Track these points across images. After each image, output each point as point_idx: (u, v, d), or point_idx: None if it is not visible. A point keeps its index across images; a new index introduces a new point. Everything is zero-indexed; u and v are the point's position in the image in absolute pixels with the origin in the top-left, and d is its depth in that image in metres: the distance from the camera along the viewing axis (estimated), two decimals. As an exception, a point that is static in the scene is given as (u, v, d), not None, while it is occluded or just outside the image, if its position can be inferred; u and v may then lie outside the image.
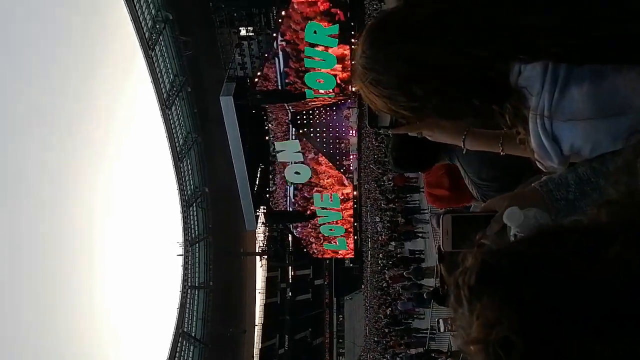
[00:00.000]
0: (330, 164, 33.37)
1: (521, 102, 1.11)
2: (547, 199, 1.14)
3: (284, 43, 28.92)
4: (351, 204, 34.30)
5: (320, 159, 33.25)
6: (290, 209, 35.06)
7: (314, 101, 30.96)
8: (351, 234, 35.17)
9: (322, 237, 35.55)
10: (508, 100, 1.12)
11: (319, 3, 27.96)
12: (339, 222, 34.82)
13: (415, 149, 2.36)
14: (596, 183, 1.13)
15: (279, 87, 30.08)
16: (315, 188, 34.04)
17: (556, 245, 0.54)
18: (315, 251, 36.39)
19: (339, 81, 29.53)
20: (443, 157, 2.28)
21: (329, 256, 37.24)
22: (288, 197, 34.79)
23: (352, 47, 25.96)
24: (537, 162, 1.21)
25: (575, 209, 1.13)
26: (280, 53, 29.18)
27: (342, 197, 34.18)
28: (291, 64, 29.46)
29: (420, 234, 21.27)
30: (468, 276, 0.57)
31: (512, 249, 0.58)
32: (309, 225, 35.31)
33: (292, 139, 32.64)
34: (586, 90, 1.04)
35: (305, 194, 34.45)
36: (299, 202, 34.84)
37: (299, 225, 35.70)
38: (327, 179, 33.83)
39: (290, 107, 31.78)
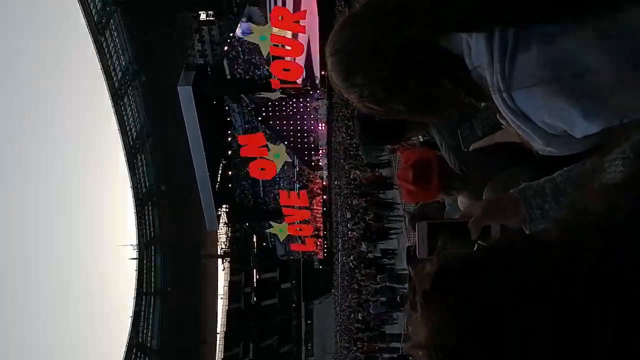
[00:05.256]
0: (298, 159, 31.72)
1: (482, 82, 1.07)
2: (523, 207, 1.17)
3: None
4: (320, 201, 32.87)
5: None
6: (255, 207, 33.39)
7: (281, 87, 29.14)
8: (321, 234, 33.69)
9: (289, 237, 34.04)
10: (444, 78, 1.08)
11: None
12: (307, 221, 33.20)
13: None
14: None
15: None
16: (282, 184, 32.38)
17: (504, 256, 0.59)
18: (282, 253, 34.82)
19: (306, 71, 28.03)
20: (415, 128, 2.30)
21: (297, 257, 35.85)
22: (252, 195, 33.12)
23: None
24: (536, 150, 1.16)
25: (549, 218, 1.14)
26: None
27: (311, 195, 32.62)
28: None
29: (392, 232, 20.30)
30: (424, 282, 0.61)
31: (465, 258, 0.61)
32: (276, 224, 33.70)
33: (257, 132, 30.89)
34: (535, 54, 1.00)
35: (271, 191, 32.75)
36: (264, 200, 33.18)
37: (265, 224, 33.96)
38: (294, 175, 32.22)
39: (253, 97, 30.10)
